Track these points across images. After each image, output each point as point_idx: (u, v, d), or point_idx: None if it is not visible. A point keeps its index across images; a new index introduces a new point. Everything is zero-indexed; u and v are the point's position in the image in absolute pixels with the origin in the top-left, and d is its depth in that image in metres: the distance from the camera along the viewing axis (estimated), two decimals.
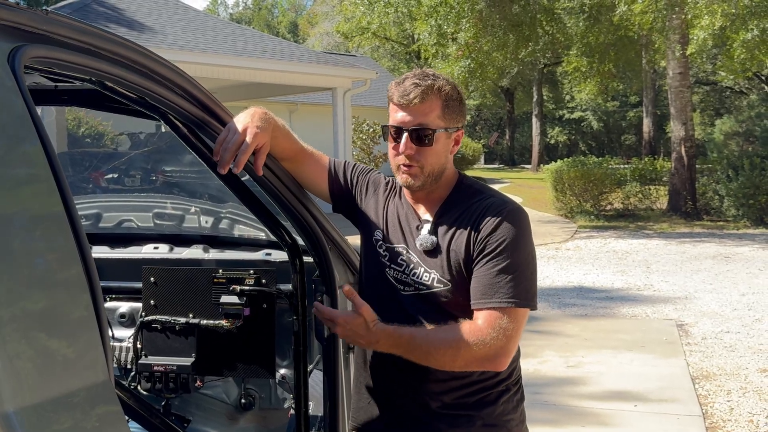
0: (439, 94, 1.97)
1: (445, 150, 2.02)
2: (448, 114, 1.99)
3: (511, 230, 1.91)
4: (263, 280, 2.49)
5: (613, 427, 5.20)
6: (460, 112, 2.03)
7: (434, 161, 2.00)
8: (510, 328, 1.86)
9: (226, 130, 1.94)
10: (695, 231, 16.57)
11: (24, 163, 1.21)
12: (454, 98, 2.00)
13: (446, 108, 1.98)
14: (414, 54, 40.87)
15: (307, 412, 2.37)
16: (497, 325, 1.86)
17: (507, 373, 2.05)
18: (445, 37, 20.75)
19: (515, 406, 2.09)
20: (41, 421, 1.09)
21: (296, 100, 24.30)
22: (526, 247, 1.93)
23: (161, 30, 16.01)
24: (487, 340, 1.86)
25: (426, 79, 1.98)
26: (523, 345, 5.84)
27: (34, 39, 1.36)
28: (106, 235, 3.04)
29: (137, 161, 3.65)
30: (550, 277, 11.08)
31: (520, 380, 2.15)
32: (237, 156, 1.91)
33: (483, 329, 1.86)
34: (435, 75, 2.00)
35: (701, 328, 8.00)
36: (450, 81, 2.02)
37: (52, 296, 1.18)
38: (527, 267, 1.92)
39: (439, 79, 1.99)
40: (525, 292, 1.89)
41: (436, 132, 1.97)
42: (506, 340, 1.87)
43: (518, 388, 2.13)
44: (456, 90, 2.01)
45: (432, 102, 1.97)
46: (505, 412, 2.05)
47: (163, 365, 2.54)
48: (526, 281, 1.90)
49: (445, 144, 2.01)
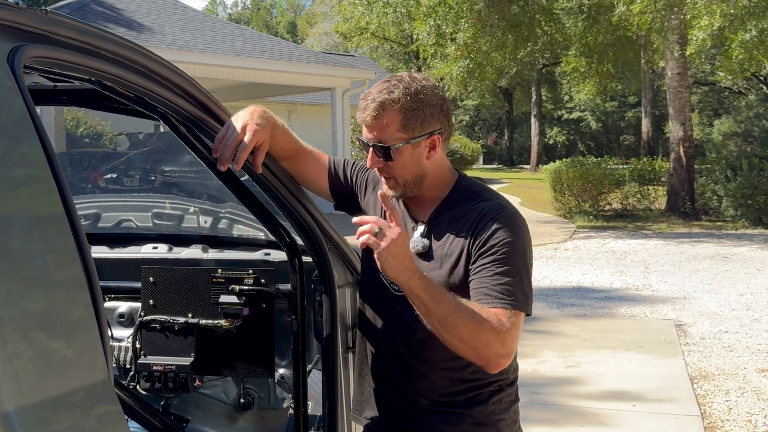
0: (394, 107, 1.91)
1: (414, 160, 1.96)
2: (409, 125, 1.92)
3: (510, 235, 1.88)
4: (262, 280, 2.49)
5: (612, 427, 5.21)
6: (429, 118, 1.94)
7: (404, 173, 1.98)
8: (516, 332, 1.83)
9: (225, 128, 1.94)
10: (694, 231, 16.58)
11: (23, 164, 1.22)
12: (415, 108, 1.91)
13: (406, 120, 1.92)
14: (413, 54, 40.89)
15: (306, 412, 2.37)
16: (517, 325, 1.84)
17: (500, 374, 2.01)
18: (444, 38, 20.75)
19: (507, 406, 2.07)
20: (41, 421, 1.09)
21: (295, 100, 24.30)
22: (524, 252, 1.90)
23: (160, 30, 16.01)
24: (506, 337, 1.80)
25: (381, 93, 1.92)
26: (521, 345, 5.84)
27: (33, 39, 1.37)
28: (105, 235, 3.04)
29: (136, 161, 3.65)
30: (548, 277, 11.08)
31: (515, 382, 2.13)
32: (236, 153, 1.91)
33: (507, 325, 1.80)
34: (394, 85, 1.93)
35: (700, 328, 8.01)
36: (412, 88, 1.93)
37: (52, 296, 1.18)
38: (526, 272, 1.90)
39: (397, 90, 1.91)
40: (524, 297, 1.86)
41: (396, 147, 1.93)
42: (515, 341, 1.85)
43: (512, 389, 2.11)
44: (418, 97, 1.92)
45: (388, 116, 1.92)
46: (496, 412, 2.04)
47: (162, 365, 2.54)
48: (526, 286, 1.88)
49: (412, 154, 1.95)
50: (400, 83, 1.93)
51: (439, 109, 1.96)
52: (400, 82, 1.94)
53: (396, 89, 1.92)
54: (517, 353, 2.11)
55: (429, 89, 1.95)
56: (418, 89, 1.93)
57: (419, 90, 1.93)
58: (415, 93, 1.92)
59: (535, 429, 5.15)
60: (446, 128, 2.00)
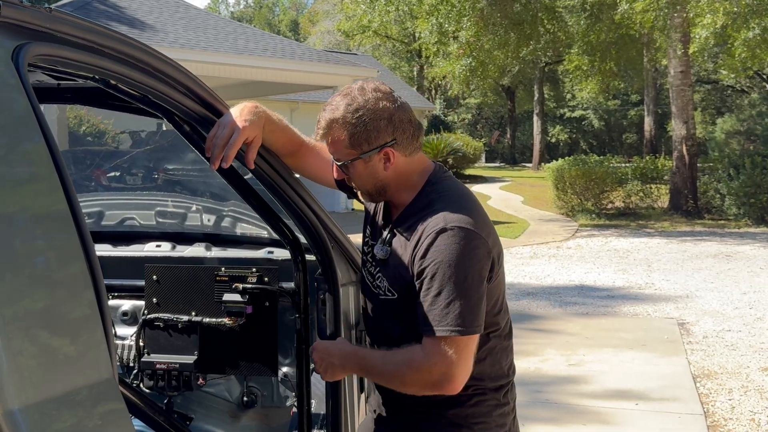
0: (338, 125, 1.91)
1: (370, 173, 1.96)
2: (356, 142, 1.91)
3: (444, 253, 1.83)
4: (265, 278, 2.49)
5: (615, 426, 5.20)
6: (375, 133, 1.91)
7: (363, 183, 2.00)
8: (451, 355, 1.82)
9: (215, 127, 1.94)
10: (696, 230, 16.57)
11: (27, 162, 1.21)
12: (358, 124, 1.89)
13: (352, 137, 1.91)
14: (415, 52, 40.90)
15: (309, 411, 2.37)
16: (438, 352, 1.83)
17: (479, 379, 2.00)
18: (447, 36, 20.73)
19: (490, 410, 2.04)
20: (46, 419, 1.09)
21: (297, 98, 24.31)
22: (462, 271, 1.83)
23: (162, 28, 16.01)
24: (428, 368, 1.84)
25: (329, 111, 1.93)
26: (524, 343, 5.80)
27: (37, 37, 1.36)
28: (109, 233, 3.04)
29: (139, 159, 3.65)
30: (551, 276, 11.08)
31: (505, 388, 2.08)
32: (225, 150, 1.91)
33: (423, 358, 1.85)
34: (339, 102, 1.92)
35: (702, 326, 8.00)
36: (354, 105, 1.90)
37: (56, 294, 1.18)
38: (465, 292, 1.83)
39: (341, 107, 1.91)
40: (462, 319, 1.81)
41: (347, 162, 1.96)
42: (447, 367, 1.83)
43: (499, 394, 2.07)
44: (358, 114, 1.90)
45: (334, 134, 1.93)
46: (475, 415, 2.02)
47: (165, 363, 2.54)
48: (463, 307, 1.82)
49: (366, 168, 1.95)
50: (346, 98, 1.92)
51: (387, 121, 1.92)
52: (347, 96, 1.93)
53: (341, 106, 1.91)
54: (508, 356, 2.09)
55: (374, 102, 1.91)
56: (361, 105, 1.90)
57: (361, 105, 1.90)
58: (356, 110, 1.90)
59: (538, 428, 5.15)
60: (402, 138, 1.94)
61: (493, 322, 2.00)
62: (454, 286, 1.82)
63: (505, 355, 2.08)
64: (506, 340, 2.09)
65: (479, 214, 1.94)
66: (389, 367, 1.93)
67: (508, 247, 14.22)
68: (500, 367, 2.07)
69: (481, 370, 1.98)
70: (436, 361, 1.83)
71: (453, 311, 1.81)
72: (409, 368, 1.87)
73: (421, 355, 1.85)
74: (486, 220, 1.96)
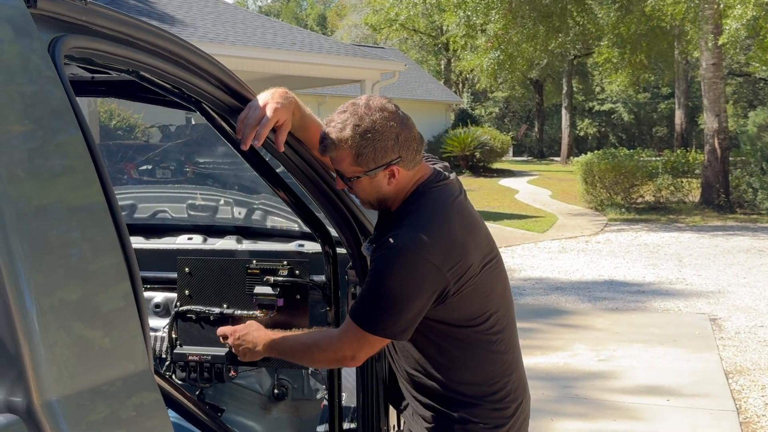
0: (345, 145, 1.93)
1: (374, 188, 2.00)
2: (362, 161, 1.94)
3: (382, 263, 1.93)
4: (296, 271, 2.49)
5: (645, 422, 5.15)
6: (381, 152, 1.93)
7: (365, 196, 2.04)
8: (353, 341, 1.97)
9: (246, 108, 1.95)
10: (728, 224, 16.35)
11: (63, 154, 1.22)
12: (365, 145, 1.91)
13: (358, 157, 1.93)
14: (442, 45, 40.78)
15: (340, 403, 2.37)
16: (348, 336, 1.98)
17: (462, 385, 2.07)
18: (474, 29, 20.64)
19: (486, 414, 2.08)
20: (83, 409, 1.10)
21: (325, 92, 24.35)
22: (387, 283, 1.92)
23: (192, 23, 16.11)
24: (338, 346, 2.00)
25: (334, 130, 1.94)
26: (553, 339, 5.77)
27: (73, 29, 1.37)
28: (141, 226, 3.06)
29: (170, 153, 3.67)
30: (580, 271, 11.00)
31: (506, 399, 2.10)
32: (258, 130, 1.92)
33: (335, 335, 2.03)
34: (345, 121, 1.93)
35: (735, 322, 7.90)
36: (362, 126, 1.91)
37: (92, 286, 1.19)
38: (383, 299, 1.93)
39: (348, 127, 1.92)
40: (368, 317, 1.94)
41: (352, 179, 1.99)
42: (353, 351, 1.98)
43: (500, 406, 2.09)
44: (367, 136, 1.91)
45: (340, 153, 1.95)
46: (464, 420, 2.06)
47: (197, 355, 2.55)
48: (375, 310, 1.94)
49: (371, 183, 1.99)
50: (352, 117, 1.93)
51: (394, 141, 1.94)
52: (353, 116, 1.93)
53: (347, 126, 1.92)
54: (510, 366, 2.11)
55: (381, 123, 1.92)
56: (368, 126, 1.91)
57: (369, 127, 1.91)
58: (364, 132, 1.91)
59: (567, 423, 5.12)
60: (407, 155, 1.97)
61: (474, 331, 2.04)
62: (379, 289, 1.94)
63: (494, 364, 2.09)
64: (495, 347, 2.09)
65: (440, 235, 1.93)
66: (299, 346, 2.10)
67: (537, 241, 14.14)
68: (505, 376, 2.09)
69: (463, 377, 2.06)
70: (345, 342, 1.98)
71: (366, 307, 1.95)
72: (317, 346, 2.05)
73: (334, 333, 2.04)
74: (451, 240, 1.94)
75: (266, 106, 1.95)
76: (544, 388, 5.72)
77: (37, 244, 1.11)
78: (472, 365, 2.06)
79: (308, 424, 2.90)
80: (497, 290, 2.07)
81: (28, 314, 1.05)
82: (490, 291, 2.04)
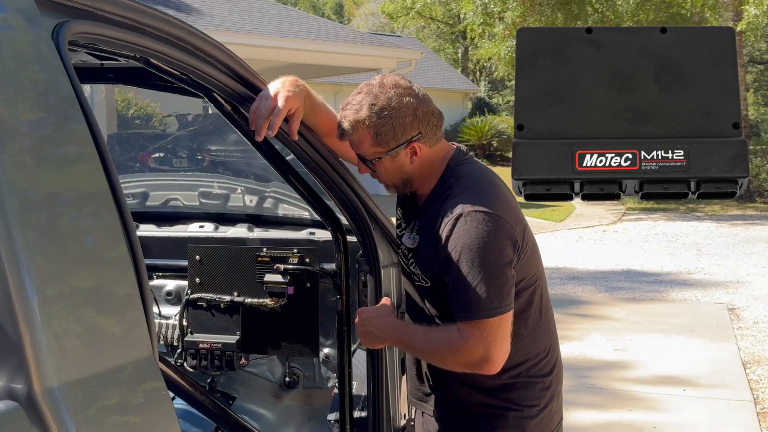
0: (363, 126, 1.92)
1: (397, 167, 1.98)
2: (382, 140, 1.92)
3: (464, 239, 1.85)
4: (307, 259, 2.49)
5: (661, 412, 5.12)
6: (401, 129, 1.92)
7: (390, 178, 2.01)
8: (486, 337, 1.85)
9: (258, 99, 1.94)
10: (748, 213, 16.20)
11: (70, 142, 1.21)
12: (384, 124, 1.90)
13: (378, 136, 1.92)
14: (460, 34, 40.59)
15: (350, 392, 2.37)
16: (473, 335, 1.86)
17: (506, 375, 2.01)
18: (492, 17, 20.51)
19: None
20: (85, 396, 1.09)
21: (341, 81, 24.28)
22: (483, 253, 1.84)
23: (208, 12, 16.11)
24: (466, 350, 1.87)
25: (351, 111, 1.93)
26: (568, 328, 5.73)
27: (78, 15, 1.36)
28: (153, 214, 3.06)
29: (183, 141, 3.67)
30: (597, 260, 10.94)
31: (553, 373, 2.10)
32: (271, 120, 1.91)
33: (460, 340, 1.88)
34: (361, 102, 1.92)
35: (753, 312, 7.83)
36: (378, 103, 1.90)
37: (99, 274, 1.19)
38: (489, 273, 1.84)
39: (364, 107, 1.91)
40: (490, 301, 1.83)
41: (374, 161, 1.97)
42: (485, 349, 1.85)
43: (548, 382, 2.08)
44: (384, 113, 1.90)
45: (359, 135, 1.94)
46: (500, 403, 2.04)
47: (208, 343, 2.56)
48: (489, 289, 1.83)
49: (393, 163, 1.97)
50: (367, 98, 1.92)
51: (413, 116, 1.93)
52: (369, 95, 1.92)
53: (363, 106, 1.91)
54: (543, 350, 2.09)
55: (397, 99, 1.91)
56: (384, 104, 1.90)
57: (385, 105, 1.90)
58: (380, 110, 1.90)
59: (583, 413, 5.10)
60: (427, 130, 1.96)
61: (530, 294, 2.02)
62: (478, 270, 1.84)
63: (543, 333, 2.09)
64: (544, 314, 2.09)
65: (499, 195, 1.94)
66: (429, 345, 1.97)
67: (554, 230, 14.07)
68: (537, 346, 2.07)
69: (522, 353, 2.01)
70: (472, 344, 1.86)
71: (480, 294, 1.83)
72: (448, 348, 1.90)
73: (458, 336, 1.87)
74: (508, 200, 1.95)
75: (278, 95, 1.94)
76: None
77: (41, 232, 1.10)
78: (527, 335, 2.02)
79: (319, 412, 2.90)
80: (537, 252, 2.07)
81: (29, 301, 1.04)
82: (535, 251, 2.04)
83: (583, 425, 4.91)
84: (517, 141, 1.62)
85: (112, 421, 1.14)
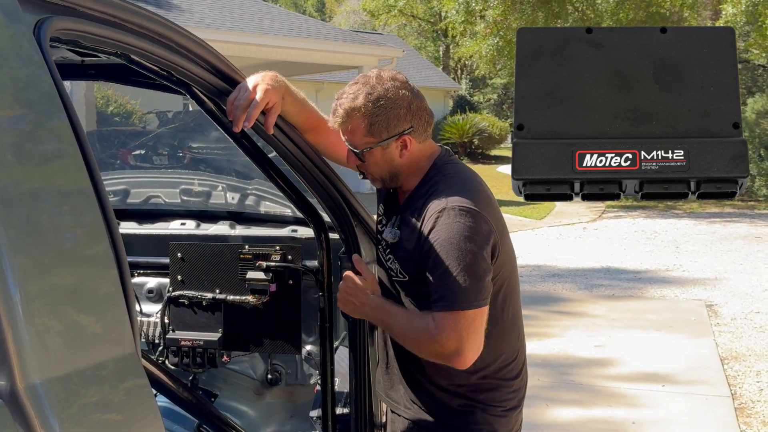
0: (358, 114, 1.94)
1: (386, 160, 2.00)
2: (375, 130, 1.95)
3: (446, 232, 1.88)
4: (289, 257, 2.49)
5: (641, 408, 5.17)
6: (394, 120, 1.95)
7: (378, 170, 2.03)
8: (460, 330, 1.87)
9: (236, 90, 1.94)
10: (725, 211, 16.36)
11: (51, 138, 1.21)
12: (378, 113, 1.93)
13: (372, 125, 1.94)
14: (441, 32, 40.63)
15: (333, 389, 2.37)
16: (447, 326, 1.87)
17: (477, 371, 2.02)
18: (473, 15, 20.55)
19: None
20: (67, 393, 1.09)
21: (323, 78, 24.25)
22: (463, 247, 1.86)
23: (188, 8, 16.03)
24: (439, 341, 1.88)
25: (347, 99, 1.95)
26: (548, 325, 5.77)
27: (59, 11, 1.35)
28: (134, 211, 3.05)
29: (164, 138, 3.66)
30: (577, 258, 11.00)
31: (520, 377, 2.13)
32: (248, 111, 1.91)
33: (435, 329, 1.89)
34: (358, 90, 1.94)
35: (731, 308, 7.91)
36: (375, 93, 1.93)
37: (80, 271, 1.18)
38: (468, 267, 1.86)
39: (361, 95, 1.93)
40: (466, 294, 1.86)
41: (364, 151, 1.98)
42: (457, 340, 1.87)
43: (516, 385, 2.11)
44: (380, 103, 1.93)
45: (354, 122, 1.96)
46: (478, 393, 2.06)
47: (190, 340, 2.55)
48: (467, 282, 1.86)
49: (383, 155, 1.99)
50: (364, 87, 1.95)
51: (407, 109, 1.96)
52: (365, 85, 1.95)
53: (360, 95, 1.94)
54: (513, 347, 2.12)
55: (393, 91, 1.95)
56: (381, 94, 1.93)
57: (382, 95, 1.94)
58: (377, 99, 1.93)
59: (563, 409, 5.13)
60: (419, 125, 1.99)
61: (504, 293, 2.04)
62: (457, 262, 1.86)
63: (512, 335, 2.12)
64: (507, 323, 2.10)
65: (481, 194, 1.98)
66: (408, 330, 1.98)
67: (534, 228, 14.14)
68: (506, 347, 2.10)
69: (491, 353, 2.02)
70: (446, 335, 1.87)
71: (457, 286, 1.86)
72: (425, 336, 1.91)
73: (432, 327, 1.90)
74: (489, 200, 1.99)
75: (256, 87, 1.94)
76: (539, 374, 5.73)
77: (23, 229, 1.10)
78: (497, 336, 2.04)
79: (301, 409, 2.91)
80: (512, 258, 2.09)
81: (11, 299, 1.04)
82: (509, 256, 2.06)
83: (563, 422, 4.94)
84: (517, 141, 1.63)
85: (96, 417, 1.14)
